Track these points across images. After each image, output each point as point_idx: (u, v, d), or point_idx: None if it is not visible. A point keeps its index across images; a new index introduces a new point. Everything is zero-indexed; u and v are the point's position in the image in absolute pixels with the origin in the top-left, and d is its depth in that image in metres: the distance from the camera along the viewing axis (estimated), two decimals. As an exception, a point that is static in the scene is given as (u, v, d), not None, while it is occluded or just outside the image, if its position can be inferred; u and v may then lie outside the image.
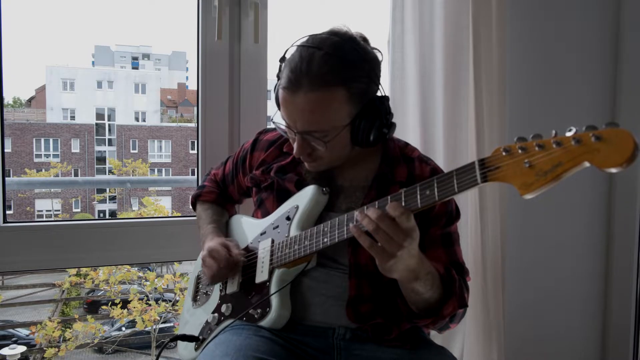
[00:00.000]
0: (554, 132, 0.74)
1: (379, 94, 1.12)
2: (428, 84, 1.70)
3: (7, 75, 1.67)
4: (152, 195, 8.57)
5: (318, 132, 1.07)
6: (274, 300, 1.09)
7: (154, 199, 7.41)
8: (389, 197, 0.95)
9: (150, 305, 6.01)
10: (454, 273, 1.07)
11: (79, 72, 12.81)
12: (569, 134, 0.72)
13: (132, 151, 11.47)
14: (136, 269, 6.39)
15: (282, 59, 1.12)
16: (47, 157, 10.92)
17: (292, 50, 1.10)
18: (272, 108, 1.21)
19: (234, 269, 1.20)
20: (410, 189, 0.93)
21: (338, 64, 1.04)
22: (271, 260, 1.14)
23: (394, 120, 1.15)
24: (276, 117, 1.14)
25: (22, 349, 5.29)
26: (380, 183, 1.14)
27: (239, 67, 1.72)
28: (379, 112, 1.09)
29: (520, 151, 0.77)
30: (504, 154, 0.79)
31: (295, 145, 1.11)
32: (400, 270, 0.95)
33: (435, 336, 1.44)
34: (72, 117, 12.34)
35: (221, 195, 1.42)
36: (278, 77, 1.13)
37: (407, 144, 1.24)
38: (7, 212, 1.65)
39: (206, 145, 1.72)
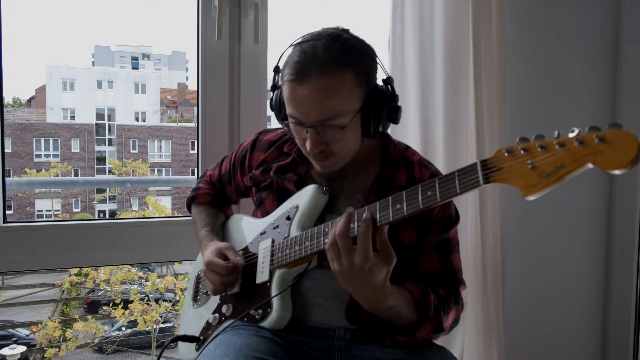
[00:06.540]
0: (556, 133, 0.73)
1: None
2: (428, 84, 1.70)
3: (7, 75, 1.67)
4: (152, 195, 8.56)
5: (333, 119, 1.04)
6: (275, 301, 1.09)
7: (155, 199, 7.40)
8: (390, 198, 0.95)
9: (150, 305, 6.00)
10: (431, 299, 1.07)
11: (79, 72, 12.78)
12: (571, 135, 0.71)
13: (132, 151, 11.45)
14: (136, 269, 6.38)
15: (276, 69, 1.14)
16: (47, 157, 10.90)
17: (289, 51, 1.09)
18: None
19: (236, 274, 1.19)
20: (411, 190, 0.92)
21: (342, 48, 1.04)
22: (272, 260, 1.13)
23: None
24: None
25: (22, 349, 5.27)
26: (380, 187, 1.14)
27: (239, 67, 1.72)
28: (385, 94, 1.10)
29: (522, 152, 0.76)
30: (506, 154, 0.78)
31: (308, 142, 1.07)
32: (351, 290, 1.00)
33: (435, 336, 1.44)
34: (72, 117, 12.32)
35: (217, 197, 1.41)
36: (274, 87, 1.14)
37: (407, 147, 1.23)
38: (7, 212, 1.65)
39: (206, 145, 1.72)
